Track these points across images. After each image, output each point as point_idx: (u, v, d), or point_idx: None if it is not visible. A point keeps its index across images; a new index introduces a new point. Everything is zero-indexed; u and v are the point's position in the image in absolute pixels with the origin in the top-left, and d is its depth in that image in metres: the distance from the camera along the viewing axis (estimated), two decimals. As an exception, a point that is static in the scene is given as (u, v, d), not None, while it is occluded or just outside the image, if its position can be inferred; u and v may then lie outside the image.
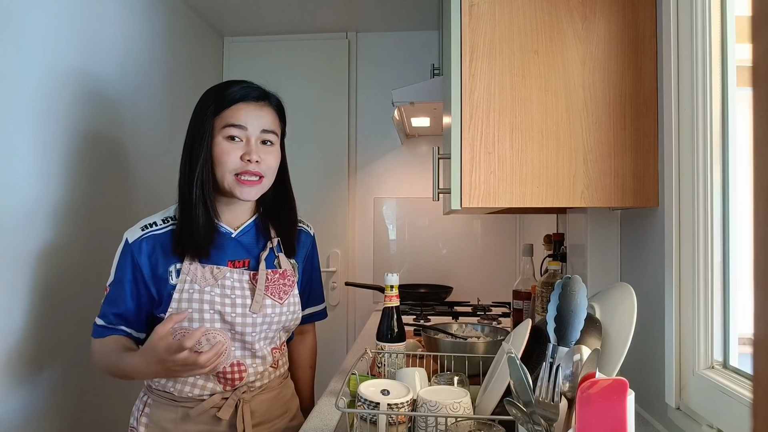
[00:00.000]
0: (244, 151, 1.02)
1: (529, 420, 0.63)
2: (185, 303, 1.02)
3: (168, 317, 0.93)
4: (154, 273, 1.03)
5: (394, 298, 1.15)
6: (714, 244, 0.80)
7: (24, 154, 1.32)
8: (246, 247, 1.10)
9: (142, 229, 1.05)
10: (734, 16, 0.78)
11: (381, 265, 2.52)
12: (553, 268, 1.32)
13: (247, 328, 1.04)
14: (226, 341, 1.03)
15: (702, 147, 0.81)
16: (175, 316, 0.91)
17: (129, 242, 1.04)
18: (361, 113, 2.55)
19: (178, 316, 0.91)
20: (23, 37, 1.30)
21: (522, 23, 0.97)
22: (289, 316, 1.11)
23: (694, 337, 0.82)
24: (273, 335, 1.11)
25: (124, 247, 1.05)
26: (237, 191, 1.03)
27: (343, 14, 2.34)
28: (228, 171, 1.02)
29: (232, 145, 1.02)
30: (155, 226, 1.06)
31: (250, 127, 1.03)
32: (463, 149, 0.97)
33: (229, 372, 1.05)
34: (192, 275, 1.02)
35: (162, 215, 1.09)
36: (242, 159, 1.01)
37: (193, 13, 2.27)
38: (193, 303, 1.02)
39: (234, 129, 1.01)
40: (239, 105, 1.02)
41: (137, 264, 1.03)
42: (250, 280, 1.06)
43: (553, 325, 0.68)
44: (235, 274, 1.05)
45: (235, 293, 1.04)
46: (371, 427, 0.87)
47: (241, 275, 1.06)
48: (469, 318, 1.90)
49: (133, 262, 1.03)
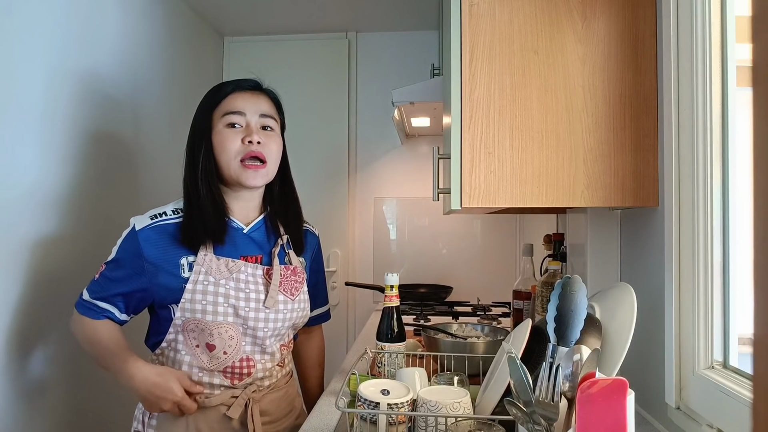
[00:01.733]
0: (244, 134, 1.03)
1: (529, 420, 0.63)
2: (199, 295, 1.01)
3: (191, 385, 1.01)
4: (161, 263, 1.02)
5: (394, 298, 1.15)
6: (714, 244, 0.80)
7: (26, 152, 1.32)
8: (258, 243, 1.10)
9: (152, 218, 1.04)
10: (734, 16, 0.78)
11: (381, 265, 2.52)
12: (553, 268, 1.32)
13: (259, 323, 1.05)
14: (237, 336, 1.03)
15: (702, 147, 0.81)
16: (199, 388, 1.02)
17: (136, 229, 1.02)
18: (361, 113, 2.55)
19: (200, 389, 1.02)
20: (24, 36, 1.30)
21: (522, 23, 0.97)
22: (299, 313, 1.12)
23: (694, 337, 0.82)
24: (283, 332, 1.12)
25: (130, 233, 1.03)
26: (243, 177, 1.04)
27: (343, 14, 2.34)
28: (232, 157, 1.03)
29: (233, 131, 1.03)
30: (165, 216, 1.05)
31: (248, 112, 1.04)
32: (463, 149, 0.97)
33: (237, 367, 1.05)
34: (207, 267, 1.02)
35: (173, 206, 1.08)
36: (243, 142, 1.03)
37: (193, 13, 2.27)
38: (207, 295, 1.01)
39: (233, 116, 1.03)
40: (235, 94, 1.05)
41: (141, 252, 1.01)
42: (263, 275, 1.07)
43: (553, 325, 0.68)
44: (249, 268, 1.06)
45: (249, 287, 1.05)
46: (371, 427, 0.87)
47: (255, 270, 1.06)
48: (469, 318, 1.90)
49: (137, 249, 1.01)
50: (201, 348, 1.03)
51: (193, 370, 1.04)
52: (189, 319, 1.01)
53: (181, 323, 1.02)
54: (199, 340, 1.03)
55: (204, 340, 1.03)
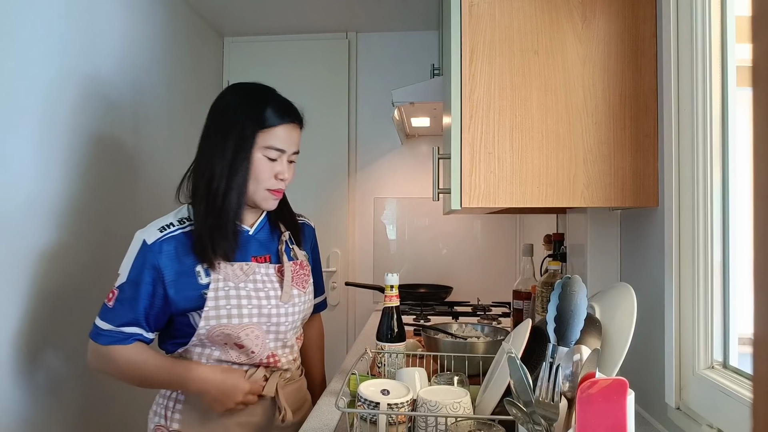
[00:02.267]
0: (277, 170, 1.09)
1: (529, 420, 0.63)
2: (222, 300, 1.04)
3: (252, 387, 1.06)
4: (178, 274, 1.03)
5: (394, 298, 1.15)
6: (714, 244, 0.80)
7: (26, 154, 1.32)
8: (263, 244, 1.15)
9: (160, 230, 1.05)
10: (734, 16, 0.78)
11: (381, 265, 2.52)
12: (553, 268, 1.32)
13: (281, 318, 1.10)
14: (261, 335, 1.07)
15: (702, 147, 0.81)
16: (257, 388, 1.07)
17: (147, 243, 1.03)
18: (361, 113, 2.55)
19: (261, 383, 1.09)
20: (24, 37, 1.30)
21: (522, 23, 0.97)
22: (309, 304, 1.19)
23: (694, 337, 0.82)
24: (298, 324, 1.17)
25: (142, 248, 1.03)
26: (263, 203, 1.10)
27: (343, 14, 2.34)
28: (262, 186, 1.08)
29: (271, 164, 1.08)
30: (173, 226, 1.06)
31: (287, 150, 1.10)
32: (463, 149, 0.97)
33: (264, 362, 1.10)
34: (224, 273, 1.05)
35: (175, 216, 1.09)
36: (276, 177, 1.09)
37: (193, 13, 2.27)
38: (231, 300, 1.04)
39: (274, 152, 1.08)
40: (280, 127, 1.08)
41: (157, 265, 1.02)
42: (276, 273, 1.12)
43: (553, 325, 0.68)
44: (262, 268, 1.10)
45: (266, 286, 1.09)
46: (371, 427, 0.87)
47: (267, 269, 1.11)
48: (469, 318, 1.90)
49: (153, 264, 1.02)
50: (230, 345, 1.07)
51: (223, 365, 1.08)
52: (214, 327, 1.03)
53: (206, 332, 1.04)
54: (227, 340, 1.06)
55: (232, 341, 1.06)
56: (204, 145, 1.09)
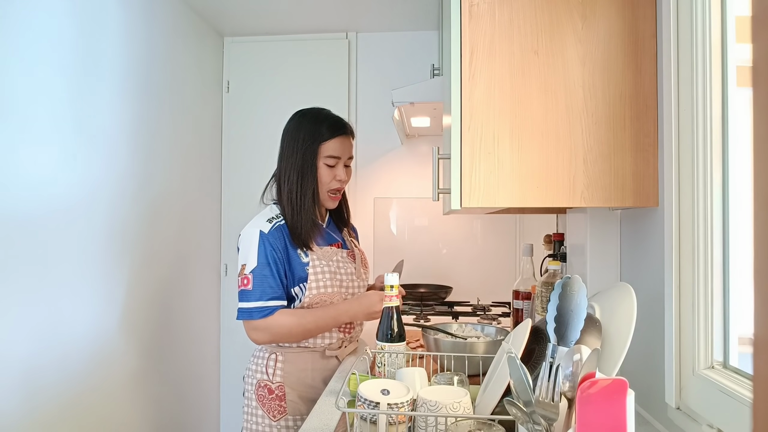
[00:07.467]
0: (335, 174, 1.39)
1: (529, 420, 0.63)
2: (320, 275, 1.34)
3: (376, 292, 1.37)
4: (288, 253, 1.33)
5: (394, 298, 1.15)
6: (714, 244, 0.80)
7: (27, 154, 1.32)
8: (333, 233, 1.47)
9: (269, 221, 1.34)
10: (734, 16, 0.78)
11: (381, 265, 2.52)
12: (553, 268, 1.32)
13: (356, 290, 1.42)
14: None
15: (702, 147, 0.80)
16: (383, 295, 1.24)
17: (264, 233, 1.31)
18: (361, 113, 2.54)
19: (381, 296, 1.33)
20: (25, 38, 1.30)
21: (522, 23, 0.97)
22: (367, 282, 1.50)
23: (694, 337, 0.82)
24: None
25: (261, 237, 1.31)
26: (326, 203, 1.43)
27: (343, 14, 2.34)
28: (325, 189, 1.40)
29: (330, 170, 1.39)
30: (276, 219, 1.35)
31: (342, 157, 1.39)
32: (463, 149, 0.97)
33: (345, 329, 1.41)
34: (317, 254, 1.36)
35: (271, 212, 1.37)
36: (334, 179, 1.39)
37: (193, 13, 2.27)
38: (326, 275, 1.35)
39: (333, 159, 1.38)
40: (336, 139, 1.37)
41: (277, 247, 1.31)
42: (348, 255, 1.45)
43: (553, 325, 0.68)
44: (338, 253, 1.41)
45: (343, 266, 1.40)
46: (371, 427, 0.87)
47: (341, 253, 1.42)
48: (469, 318, 1.90)
49: (274, 246, 1.31)
50: None
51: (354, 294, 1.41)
52: (315, 295, 1.32)
53: (309, 300, 1.32)
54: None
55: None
56: (281, 159, 1.38)
